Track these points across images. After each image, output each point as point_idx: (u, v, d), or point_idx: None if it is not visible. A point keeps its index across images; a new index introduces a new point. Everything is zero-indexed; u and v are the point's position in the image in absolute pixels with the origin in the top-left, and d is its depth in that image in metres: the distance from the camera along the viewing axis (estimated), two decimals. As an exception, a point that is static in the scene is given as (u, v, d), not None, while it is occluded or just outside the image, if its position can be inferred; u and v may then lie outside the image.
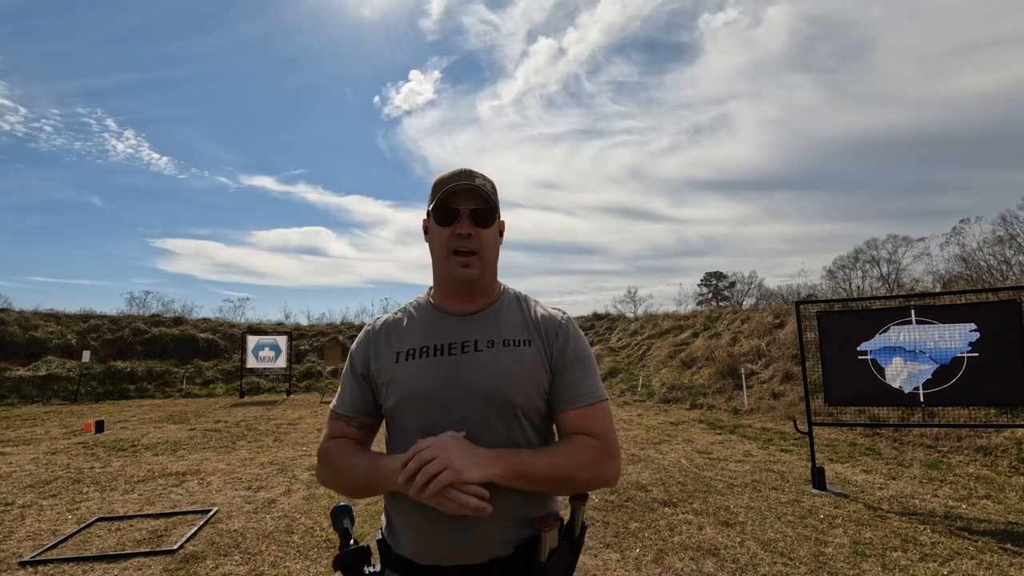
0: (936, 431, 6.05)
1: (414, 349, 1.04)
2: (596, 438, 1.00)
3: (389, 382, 1.03)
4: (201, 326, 17.01)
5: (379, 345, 1.09)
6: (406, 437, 0.99)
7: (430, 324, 1.08)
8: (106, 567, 3.16)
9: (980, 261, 17.04)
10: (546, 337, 1.06)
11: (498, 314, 1.08)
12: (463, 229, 1.02)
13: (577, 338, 1.08)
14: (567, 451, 0.98)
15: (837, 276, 25.41)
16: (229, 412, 10.33)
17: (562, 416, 1.03)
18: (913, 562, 3.11)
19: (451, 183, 1.02)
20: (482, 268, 1.05)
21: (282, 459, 6.01)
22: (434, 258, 1.09)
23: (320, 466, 1.08)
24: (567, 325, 1.09)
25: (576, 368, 1.05)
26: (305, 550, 3.40)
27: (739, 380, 9.69)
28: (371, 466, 0.99)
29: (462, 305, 1.09)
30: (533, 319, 1.09)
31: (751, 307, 15.78)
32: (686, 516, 3.95)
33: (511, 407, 0.98)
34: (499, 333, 1.05)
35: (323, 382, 14.85)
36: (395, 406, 1.02)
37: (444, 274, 1.07)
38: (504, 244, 1.15)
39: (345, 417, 1.10)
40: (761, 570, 3.04)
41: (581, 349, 1.07)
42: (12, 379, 12.54)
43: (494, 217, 1.06)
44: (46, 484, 5.00)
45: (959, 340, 4.32)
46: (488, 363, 1.00)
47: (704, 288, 36.59)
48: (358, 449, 1.07)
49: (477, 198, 1.03)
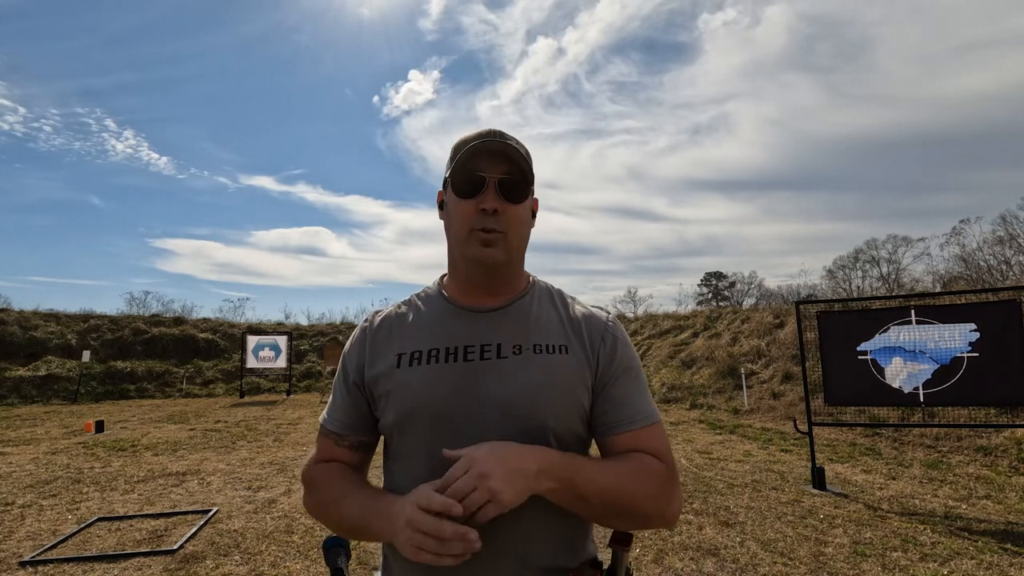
0: (936, 431, 6.05)
1: (420, 352, 0.84)
2: (660, 460, 0.80)
3: (388, 392, 0.83)
4: (201, 326, 17.00)
5: (376, 345, 0.89)
6: (407, 464, 0.81)
7: (441, 321, 0.88)
8: (106, 567, 3.16)
9: (980, 261, 17.04)
10: (589, 342, 0.86)
11: (527, 312, 0.88)
12: (489, 204, 0.80)
13: (626, 345, 0.89)
14: (630, 470, 0.77)
15: (837, 276, 25.42)
16: (229, 412, 10.33)
17: (611, 440, 0.83)
18: (913, 562, 3.11)
19: (476, 141, 0.82)
20: (508, 251, 0.84)
21: (282, 459, 6.01)
22: (450, 238, 0.89)
23: (307, 493, 0.89)
24: (614, 328, 0.89)
25: (627, 382, 0.85)
26: (305, 550, 3.40)
27: (739, 380, 9.69)
28: (370, 504, 0.78)
29: (482, 299, 0.88)
30: (571, 319, 0.89)
31: (751, 307, 15.78)
32: (686, 516, 3.94)
33: (542, 430, 0.78)
34: (528, 336, 0.85)
35: (323, 382, 14.85)
36: (395, 423, 0.83)
37: (461, 256, 0.86)
38: None
39: (335, 435, 0.89)
40: (761, 570, 3.04)
41: (631, 359, 0.88)
42: (12, 379, 12.54)
43: (528, 189, 0.84)
44: (46, 484, 5.00)
45: (959, 340, 4.32)
46: (514, 373, 0.81)
47: (704, 288, 36.63)
48: (352, 480, 0.86)
49: (508, 163, 0.82)
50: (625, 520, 0.77)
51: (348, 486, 0.84)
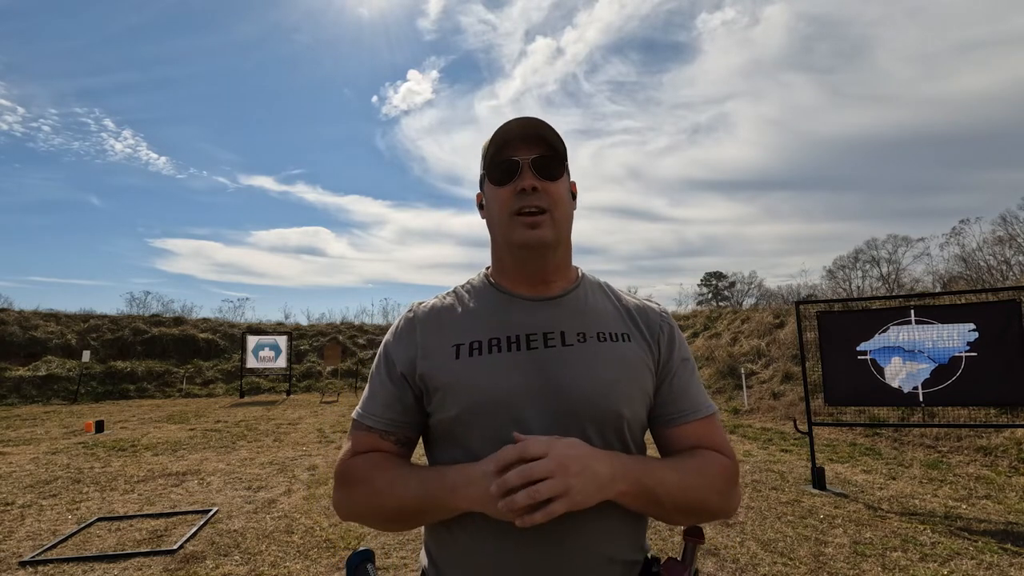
0: (936, 431, 6.05)
1: (480, 342, 0.80)
2: (726, 455, 0.82)
3: (447, 385, 0.78)
4: (201, 326, 17.00)
5: (428, 335, 0.84)
6: (471, 459, 0.74)
7: (497, 310, 0.84)
8: (106, 567, 3.16)
9: (980, 261, 17.03)
10: (648, 331, 0.86)
11: (584, 300, 0.87)
12: (527, 182, 0.79)
13: (682, 336, 0.90)
14: (699, 468, 0.78)
15: (837, 276, 25.43)
16: (229, 412, 10.33)
17: (673, 432, 0.83)
18: (913, 562, 3.11)
19: (505, 127, 0.81)
20: (556, 230, 0.81)
21: (282, 459, 6.01)
22: (493, 230, 0.87)
23: (343, 489, 0.81)
24: (669, 318, 0.91)
25: (686, 372, 0.86)
26: (305, 550, 3.40)
27: (739, 380, 9.70)
28: (435, 477, 0.74)
29: (536, 289, 0.86)
30: (627, 309, 0.89)
31: (751, 307, 15.78)
32: (686, 516, 3.95)
33: (618, 419, 0.77)
34: (589, 324, 0.83)
35: (323, 382, 14.86)
36: (458, 417, 0.77)
37: (508, 243, 0.83)
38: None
39: (380, 431, 0.82)
40: (761, 570, 3.04)
41: (687, 350, 0.89)
42: (12, 379, 12.54)
43: (563, 167, 0.84)
44: (46, 484, 5.00)
45: (958, 340, 4.32)
46: (583, 361, 0.79)
47: (704, 288, 36.63)
48: (403, 462, 0.81)
49: (542, 144, 0.82)
50: (693, 517, 0.78)
51: (403, 466, 0.79)
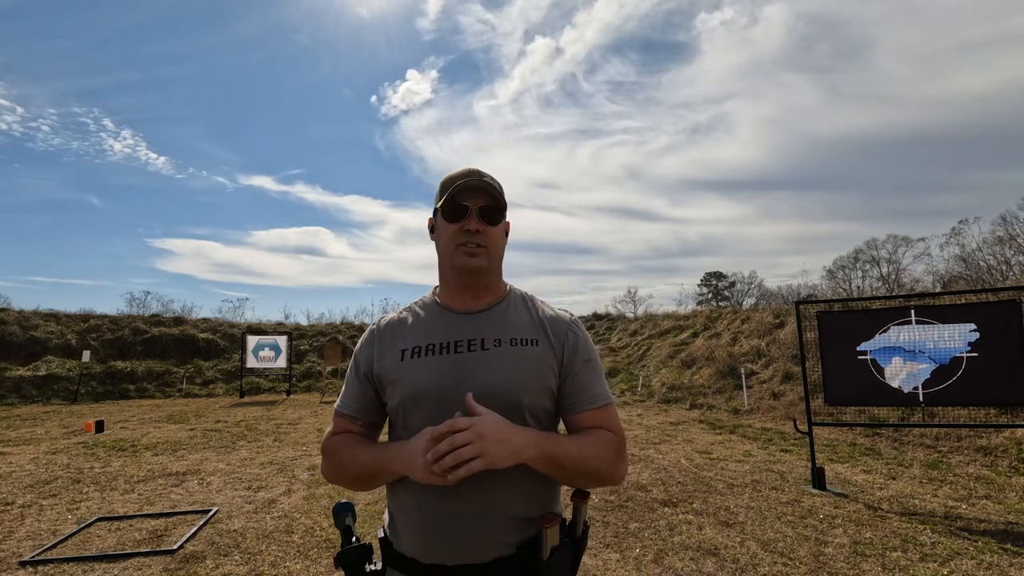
0: (936, 431, 6.05)
1: (419, 347, 1.04)
2: (615, 434, 1.02)
3: (394, 380, 1.03)
4: (201, 326, 17.00)
5: (383, 344, 1.09)
6: (411, 435, 0.98)
7: (436, 322, 1.08)
8: (106, 567, 3.16)
9: (980, 261, 17.04)
10: (554, 337, 1.06)
11: (504, 313, 1.08)
12: (472, 225, 1.02)
13: (586, 340, 1.09)
14: (593, 442, 0.99)
15: (837, 276, 25.43)
16: (229, 412, 10.33)
17: (575, 418, 1.04)
18: (913, 562, 3.11)
19: (461, 180, 1.03)
20: (489, 260, 1.05)
21: (282, 459, 6.01)
22: (440, 255, 1.10)
23: (325, 460, 1.09)
24: (576, 326, 1.10)
25: (587, 371, 1.06)
26: (305, 550, 3.40)
27: (739, 380, 9.70)
28: (381, 450, 1.00)
29: (468, 303, 1.09)
30: (540, 319, 1.09)
31: (751, 307, 15.78)
32: (686, 516, 3.95)
33: (519, 407, 0.98)
34: (506, 332, 1.04)
35: (323, 382, 14.85)
36: (400, 405, 1.02)
37: (451, 267, 1.06)
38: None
39: (350, 416, 1.10)
40: (761, 570, 3.04)
41: (590, 351, 1.08)
42: (12, 379, 12.54)
43: (502, 215, 1.07)
44: (46, 484, 5.00)
45: (958, 340, 4.32)
46: (496, 362, 1.00)
47: (704, 288, 36.62)
48: (365, 440, 1.08)
49: (486, 195, 1.04)
50: (588, 481, 0.99)
51: (363, 443, 1.06)
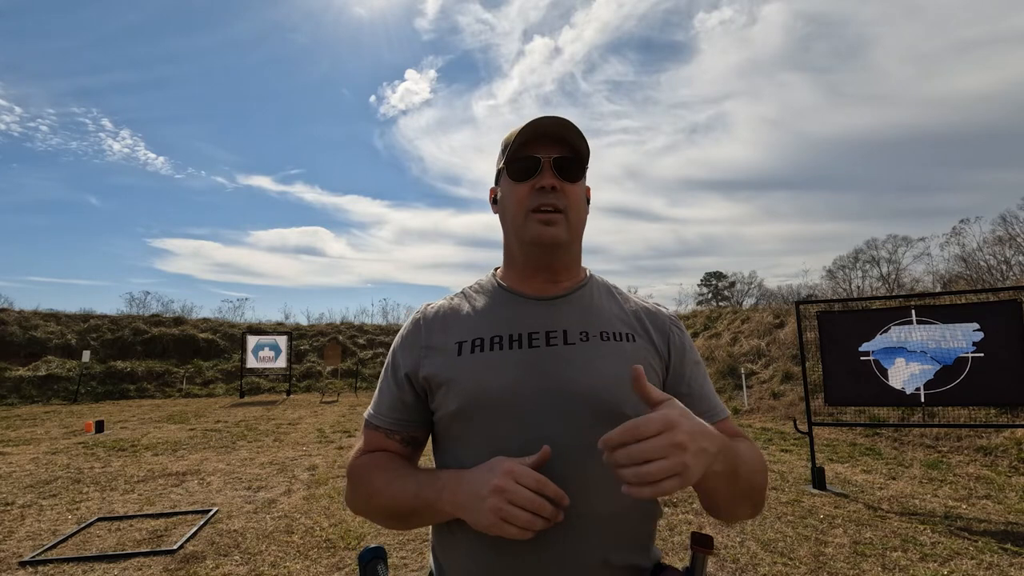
0: (936, 431, 6.05)
1: (482, 339, 0.80)
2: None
3: (449, 381, 0.79)
4: (201, 326, 17.00)
5: (433, 336, 0.84)
6: (471, 453, 0.76)
7: (502, 309, 0.84)
8: (106, 567, 3.16)
9: (980, 261, 17.02)
10: (655, 333, 0.85)
11: (589, 300, 0.86)
12: (546, 181, 0.79)
13: (691, 340, 0.90)
14: (749, 446, 0.76)
15: (837, 276, 25.40)
16: (229, 412, 10.33)
17: None
18: (913, 562, 3.11)
19: (529, 124, 0.80)
20: (569, 230, 0.81)
21: (282, 459, 6.01)
22: (506, 225, 0.88)
23: (350, 486, 0.83)
24: (679, 322, 0.90)
25: (700, 375, 0.86)
26: (305, 550, 3.40)
27: (739, 380, 9.70)
28: (429, 480, 0.75)
29: (543, 287, 0.86)
30: (633, 311, 0.88)
31: (751, 307, 15.78)
32: (686, 516, 3.94)
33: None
34: (593, 324, 0.82)
35: (323, 382, 14.86)
36: (458, 411, 0.77)
37: (520, 239, 0.83)
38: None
39: (385, 430, 0.84)
40: (761, 570, 3.04)
41: (697, 353, 0.89)
42: (12, 379, 12.54)
43: (583, 171, 0.83)
44: (46, 484, 5.00)
45: (962, 340, 4.31)
46: (584, 360, 0.78)
47: (704, 288, 36.62)
48: (404, 463, 0.82)
49: (564, 145, 0.81)
50: (747, 503, 0.74)
51: (402, 466, 0.80)
